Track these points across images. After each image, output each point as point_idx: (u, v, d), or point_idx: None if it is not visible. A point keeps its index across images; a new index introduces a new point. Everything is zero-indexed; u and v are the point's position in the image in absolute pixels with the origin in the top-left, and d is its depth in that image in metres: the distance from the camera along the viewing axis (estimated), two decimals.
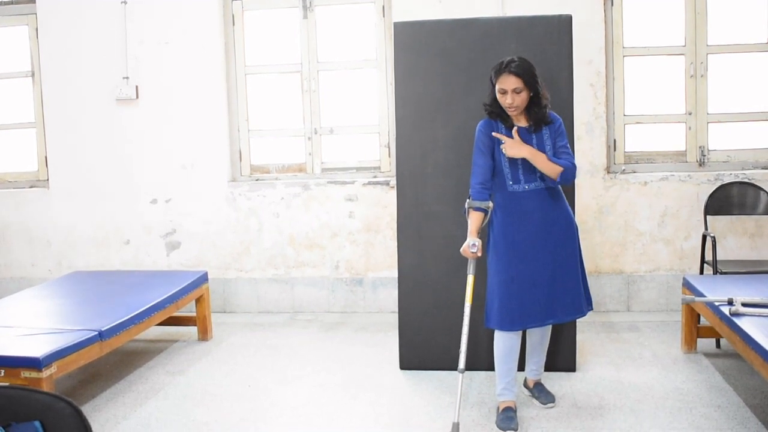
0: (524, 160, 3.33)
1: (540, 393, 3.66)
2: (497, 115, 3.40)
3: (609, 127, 5.28)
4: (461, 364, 3.29)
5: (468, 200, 3.42)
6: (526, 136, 3.37)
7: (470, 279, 3.38)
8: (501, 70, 3.30)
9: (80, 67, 5.65)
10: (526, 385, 3.76)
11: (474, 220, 3.40)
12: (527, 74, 3.28)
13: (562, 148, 3.39)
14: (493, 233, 3.45)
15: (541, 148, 3.35)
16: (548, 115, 3.38)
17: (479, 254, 3.36)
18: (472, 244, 3.35)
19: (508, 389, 3.42)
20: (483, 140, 3.42)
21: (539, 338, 3.65)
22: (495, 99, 3.37)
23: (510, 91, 3.29)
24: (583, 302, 3.49)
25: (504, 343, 3.42)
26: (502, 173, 3.41)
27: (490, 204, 3.40)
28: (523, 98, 3.31)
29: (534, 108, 3.35)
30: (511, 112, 3.35)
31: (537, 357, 3.70)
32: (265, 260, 5.61)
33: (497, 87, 3.32)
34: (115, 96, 5.60)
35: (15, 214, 5.85)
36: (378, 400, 3.79)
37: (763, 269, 4.50)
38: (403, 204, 4.15)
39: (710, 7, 5.17)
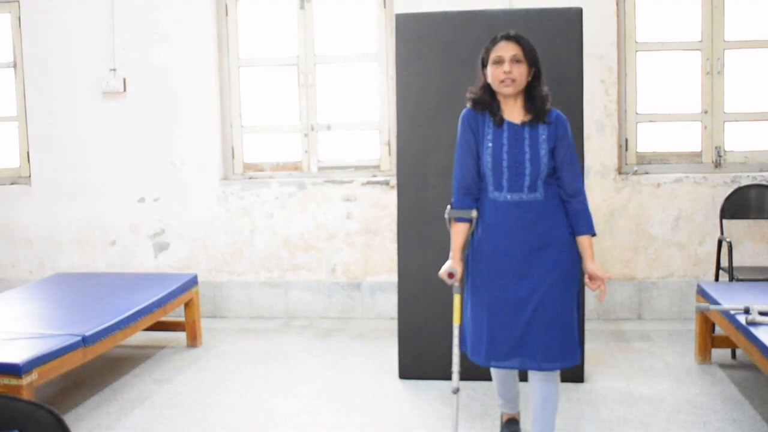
0: (510, 161, 2.95)
1: None
2: (485, 106, 3.02)
3: (620, 125, 5.28)
4: (455, 383, 3.08)
5: (448, 208, 3.10)
6: (518, 132, 2.98)
7: (456, 299, 3.09)
8: (496, 39, 2.96)
9: (65, 58, 5.65)
10: None
11: (456, 233, 3.07)
12: (528, 44, 2.94)
13: (569, 166, 2.97)
14: (471, 245, 3.10)
15: (534, 150, 2.94)
16: (548, 104, 2.99)
17: (457, 284, 3.04)
18: (449, 273, 3.02)
19: (511, 402, 3.38)
20: (465, 133, 3.04)
21: (541, 399, 3.05)
22: (484, 87, 3.02)
23: (508, 60, 2.90)
24: (572, 350, 2.99)
25: (498, 374, 3.24)
26: (484, 176, 3.03)
27: (474, 213, 3.05)
28: (522, 72, 2.92)
29: (534, 91, 2.96)
30: (505, 88, 2.93)
31: (540, 425, 3.07)
32: (258, 263, 5.61)
33: (492, 56, 2.94)
34: (101, 89, 5.60)
35: None
36: (376, 411, 3.78)
37: None
38: (403, 205, 4.14)
39: (728, 0, 5.17)
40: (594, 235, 3.04)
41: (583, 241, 3.02)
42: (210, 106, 5.58)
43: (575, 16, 3.98)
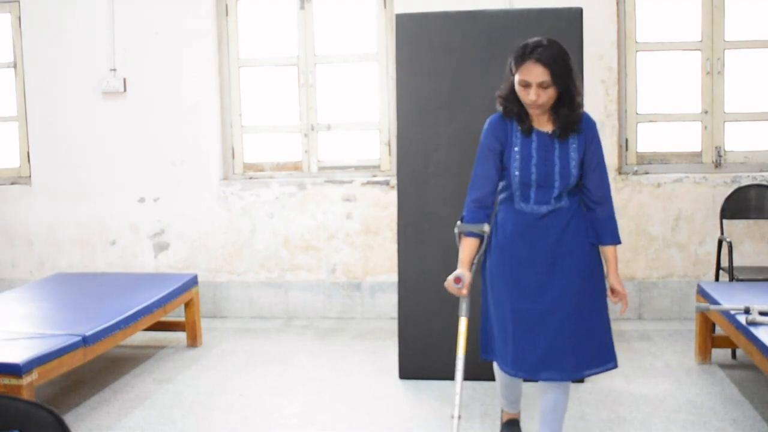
0: (539, 175, 2.82)
1: None
2: (513, 112, 2.84)
3: (621, 125, 5.28)
4: (456, 411, 2.83)
5: (458, 223, 2.93)
6: (547, 144, 2.83)
7: (462, 323, 2.87)
8: (524, 56, 2.72)
9: (65, 58, 5.65)
10: None
11: (465, 247, 2.89)
12: (558, 65, 2.70)
13: (596, 172, 2.84)
14: (489, 254, 2.96)
15: (563, 161, 2.81)
16: (580, 121, 2.82)
17: (465, 292, 2.84)
18: (456, 277, 2.82)
19: (514, 402, 3.36)
20: (489, 142, 2.87)
21: (552, 403, 2.97)
22: (512, 91, 2.82)
23: (534, 86, 2.71)
24: (606, 355, 2.91)
25: (502, 374, 3.11)
26: (510, 187, 2.89)
27: (486, 228, 2.89)
28: (549, 95, 2.74)
29: (563, 109, 2.79)
30: (533, 112, 2.80)
31: (549, 427, 3.00)
32: (258, 263, 5.61)
33: (518, 78, 2.75)
34: (101, 89, 5.60)
35: None
36: (376, 411, 3.79)
37: None
38: (403, 205, 4.15)
39: (728, 0, 5.17)
40: (619, 243, 2.92)
41: (607, 252, 2.92)
42: (210, 106, 5.58)
43: (575, 16, 3.98)
